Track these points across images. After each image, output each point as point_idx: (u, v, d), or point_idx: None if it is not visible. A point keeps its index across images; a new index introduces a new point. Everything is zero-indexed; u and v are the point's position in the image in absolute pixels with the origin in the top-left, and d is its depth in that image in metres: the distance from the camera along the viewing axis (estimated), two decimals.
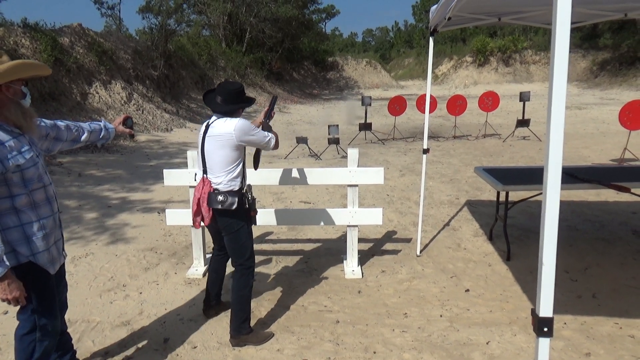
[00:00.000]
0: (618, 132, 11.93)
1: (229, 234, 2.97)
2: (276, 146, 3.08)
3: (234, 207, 2.86)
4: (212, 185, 2.88)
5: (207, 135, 2.88)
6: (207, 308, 3.42)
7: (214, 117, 2.93)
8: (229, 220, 2.93)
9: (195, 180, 3.11)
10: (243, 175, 2.98)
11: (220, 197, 2.85)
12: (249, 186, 3.04)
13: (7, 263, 1.99)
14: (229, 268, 3.29)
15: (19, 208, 2.09)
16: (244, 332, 3.06)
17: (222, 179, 2.86)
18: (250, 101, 3.02)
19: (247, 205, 2.96)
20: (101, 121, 2.77)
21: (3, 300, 2.02)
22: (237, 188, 2.90)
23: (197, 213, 2.97)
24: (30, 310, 2.20)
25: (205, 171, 2.93)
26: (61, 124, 2.50)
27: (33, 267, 2.16)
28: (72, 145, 2.59)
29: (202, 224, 3.03)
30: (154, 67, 16.35)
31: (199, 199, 2.93)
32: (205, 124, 2.97)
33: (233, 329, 3.06)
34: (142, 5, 18.29)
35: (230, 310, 3.11)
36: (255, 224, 3.14)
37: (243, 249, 3.01)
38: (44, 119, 2.40)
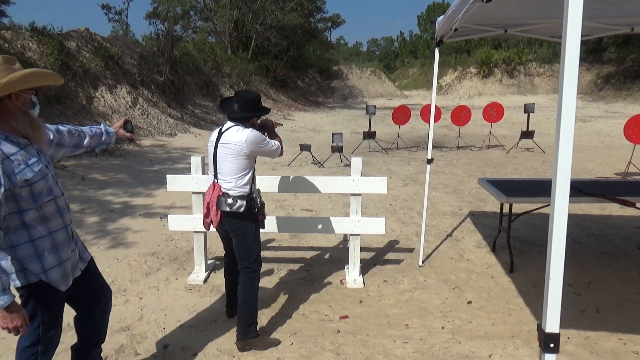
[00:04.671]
0: (622, 145, 11.91)
1: (237, 235, 3.02)
2: (281, 153, 3.18)
3: (242, 209, 2.92)
4: (222, 189, 2.95)
5: (219, 142, 2.95)
6: (229, 311, 3.48)
7: (227, 124, 3.00)
8: (237, 223, 2.99)
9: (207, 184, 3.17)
10: (253, 180, 3.05)
11: (228, 200, 2.92)
12: (258, 190, 3.12)
13: (14, 293, 1.88)
14: None
15: (28, 223, 1.98)
16: (251, 336, 3.07)
17: (232, 185, 2.93)
18: (265, 110, 3.10)
19: (255, 210, 3.02)
20: (101, 125, 2.64)
21: (3, 329, 1.88)
22: (246, 193, 2.97)
23: (206, 215, 3.05)
24: (36, 323, 2.11)
25: (215, 175, 3.00)
26: (63, 128, 2.37)
27: (43, 285, 2.07)
28: (74, 151, 2.46)
29: (211, 227, 3.12)
30: (159, 73, 16.43)
31: (208, 203, 3.01)
32: (218, 130, 3.04)
33: (239, 332, 3.07)
34: (149, 11, 18.46)
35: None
36: (263, 227, 3.19)
37: (250, 251, 3.06)
38: (46, 124, 2.28)
